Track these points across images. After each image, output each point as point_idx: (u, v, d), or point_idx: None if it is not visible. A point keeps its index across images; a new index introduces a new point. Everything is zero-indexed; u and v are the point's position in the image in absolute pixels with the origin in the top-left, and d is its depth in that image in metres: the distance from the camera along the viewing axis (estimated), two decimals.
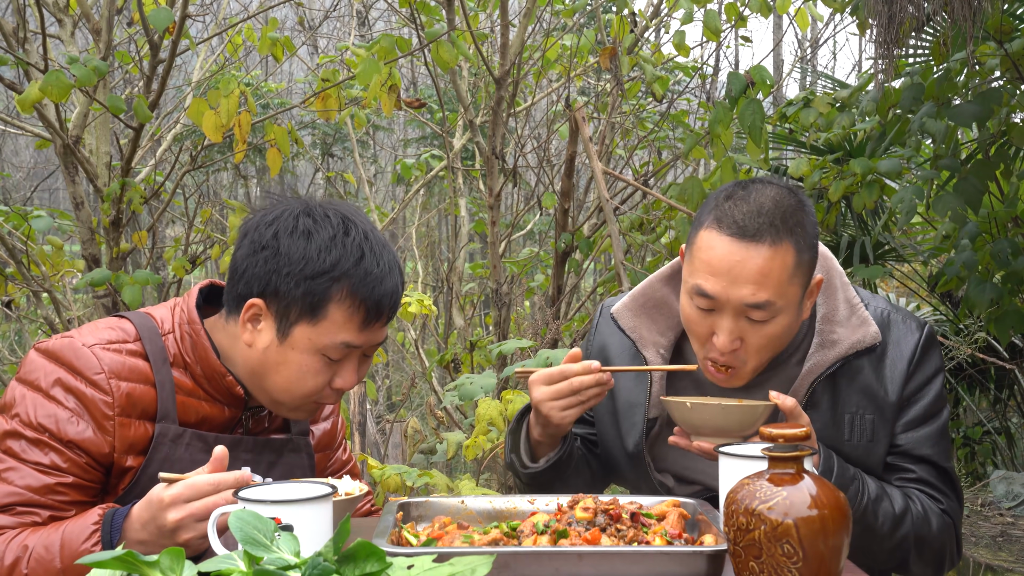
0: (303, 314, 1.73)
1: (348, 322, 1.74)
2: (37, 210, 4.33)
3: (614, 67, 4.27)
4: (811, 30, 9.14)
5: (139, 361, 1.77)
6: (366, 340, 1.77)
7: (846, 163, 4.76)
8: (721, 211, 1.81)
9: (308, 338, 1.74)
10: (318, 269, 1.72)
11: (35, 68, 3.75)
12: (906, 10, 3.74)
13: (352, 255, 1.73)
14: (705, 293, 1.80)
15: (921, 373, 1.93)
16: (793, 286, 1.80)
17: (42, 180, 9.16)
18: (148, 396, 1.76)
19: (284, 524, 1.39)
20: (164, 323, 1.83)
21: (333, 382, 1.79)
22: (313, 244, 1.73)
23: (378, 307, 1.75)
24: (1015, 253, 4.30)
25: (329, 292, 1.72)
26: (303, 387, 1.77)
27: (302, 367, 1.75)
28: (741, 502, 1.31)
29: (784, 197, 1.81)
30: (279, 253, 1.73)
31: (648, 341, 2.03)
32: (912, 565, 1.92)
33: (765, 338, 1.82)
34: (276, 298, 1.74)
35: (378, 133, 9.30)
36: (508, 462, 2.04)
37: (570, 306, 5.40)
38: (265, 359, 1.77)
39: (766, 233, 1.76)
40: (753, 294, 1.77)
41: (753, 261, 1.76)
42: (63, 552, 1.60)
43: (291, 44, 4.07)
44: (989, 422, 5.98)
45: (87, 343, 1.75)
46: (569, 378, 1.85)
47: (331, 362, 1.77)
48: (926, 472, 1.93)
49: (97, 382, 1.72)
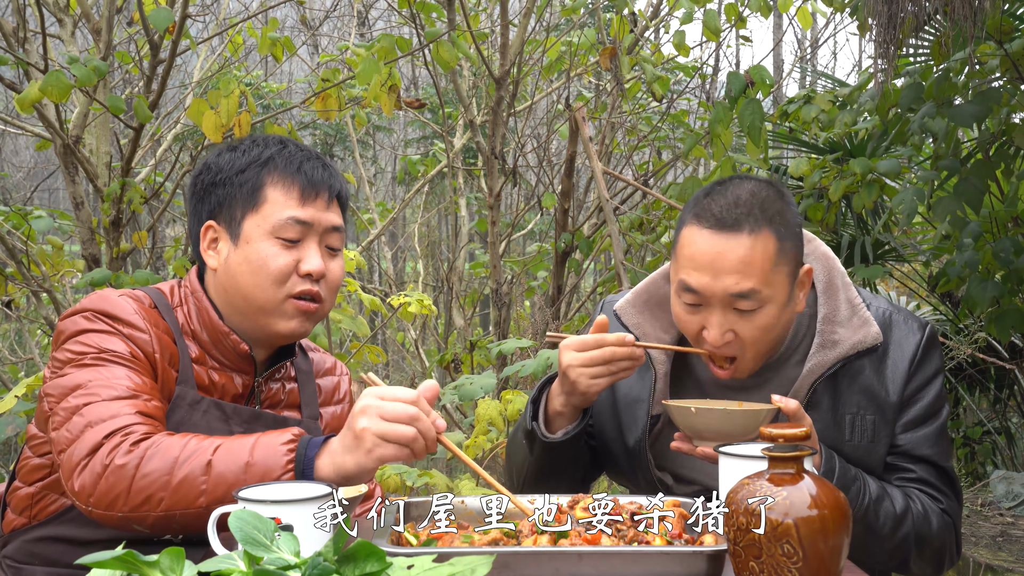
0: (245, 207, 1.81)
1: (287, 197, 1.81)
2: (37, 210, 4.33)
3: (614, 67, 4.27)
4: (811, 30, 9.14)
5: (160, 319, 1.81)
6: (314, 217, 1.82)
7: (846, 163, 4.76)
8: (700, 207, 1.84)
9: (257, 225, 1.81)
10: (246, 162, 1.84)
11: (35, 68, 3.75)
12: (906, 10, 3.74)
13: (274, 143, 1.87)
14: (690, 288, 1.82)
15: (922, 374, 1.94)
16: (778, 274, 1.81)
17: (42, 180, 9.16)
18: (173, 349, 1.80)
19: (284, 524, 1.39)
20: (173, 296, 1.88)
21: (299, 268, 1.81)
22: (237, 151, 1.87)
23: (311, 181, 1.83)
24: (1016, 252, 4.30)
25: (261, 177, 1.82)
26: (268, 275, 1.79)
27: (260, 254, 1.80)
28: (741, 502, 1.31)
29: (761, 188, 1.84)
30: (211, 171, 1.86)
31: (651, 336, 2.03)
32: (913, 565, 1.92)
33: (757, 329, 1.83)
34: (221, 209, 1.84)
35: (378, 133, 9.29)
36: (527, 430, 2.00)
37: (570, 306, 5.40)
38: (228, 270, 1.82)
39: (744, 222, 1.79)
40: (737, 283, 1.78)
41: (734, 251, 1.78)
42: (254, 449, 1.57)
43: (291, 44, 4.07)
44: (989, 422, 5.98)
45: (113, 295, 1.80)
46: (603, 347, 1.85)
47: (288, 244, 1.81)
48: (926, 472, 1.93)
49: (133, 322, 1.76)
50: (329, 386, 2.06)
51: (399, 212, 5.75)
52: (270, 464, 1.56)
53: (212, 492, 1.55)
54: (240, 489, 1.47)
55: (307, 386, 1.99)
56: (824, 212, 4.90)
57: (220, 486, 1.55)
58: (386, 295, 5.42)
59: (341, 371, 2.11)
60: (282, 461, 1.56)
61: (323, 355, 2.10)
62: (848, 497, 1.78)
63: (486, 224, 4.88)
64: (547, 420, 1.99)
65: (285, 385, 1.95)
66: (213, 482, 1.55)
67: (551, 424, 1.98)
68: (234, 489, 1.49)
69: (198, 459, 1.56)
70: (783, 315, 1.85)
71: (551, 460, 1.99)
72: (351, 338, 5.42)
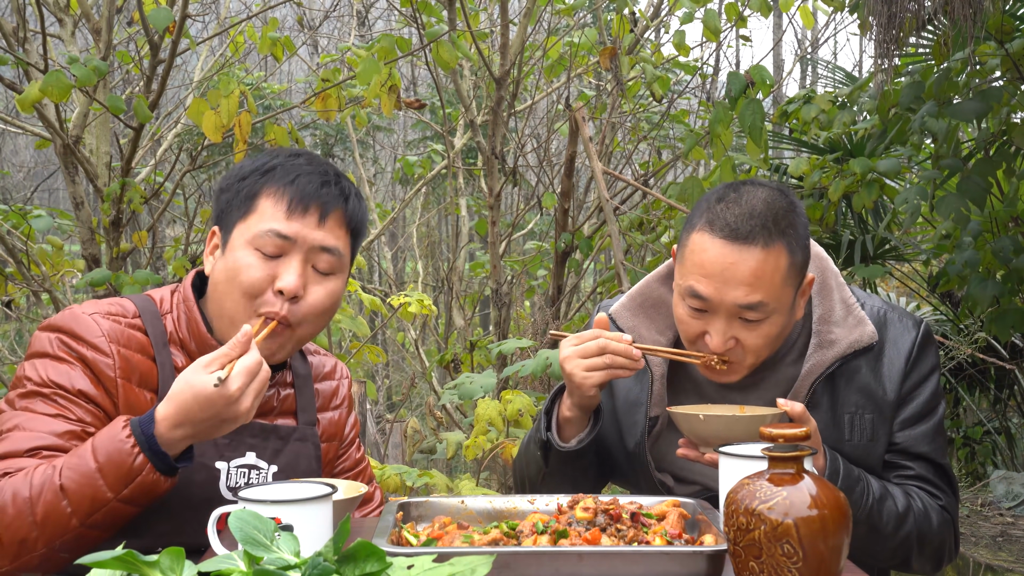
0: (238, 215, 1.80)
1: (274, 209, 1.77)
2: (37, 209, 4.32)
3: (614, 67, 4.27)
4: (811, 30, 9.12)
5: (138, 334, 1.78)
6: (299, 233, 1.75)
7: (846, 162, 4.76)
8: (713, 213, 1.83)
9: (241, 234, 1.78)
10: (250, 169, 1.82)
11: (35, 68, 3.75)
12: (906, 10, 3.74)
13: (285, 154, 1.84)
14: (698, 295, 1.82)
15: (918, 371, 1.95)
16: (787, 287, 1.82)
17: (42, 180, 9.17)
18: (147, 367, 1.77)
19: (284, 524, 1.39)
20: (164, 303, 1.85)
21: (275, 284, 1.75)
22: (255, 159, 1.85)
23: (302, 195, 1.77)
24: (1016, 251, 4.31)
25: (259, 186, 1.79)
26: (239, 286, 1.75)
27: (238, 262, 1.76)
28: (741, 502, 1.31)
29: (776, 199, 1.84)
30: (227, 176, 1.86)
31: (647, 340, 2.03)
32: (914, 562, 1.94)
33: (761, 338, 1.84)
34: (223, 214, 1.82)
35: (378, 133, 9.30)
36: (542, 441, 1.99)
37: (570, 306, 5.40)
38: (213, 276, 1.81)
39: (759, 235, 1.79)
40: (746, 296, 1.79)
41: (746, 263, 1.78)
42: (96, 453, 1.57)
43: (291, 44, 4.07)
44: (989, 422, 5.98)
45: (86, 312, 1.78)
46: (596, 338, 1.86)
47: (267, 258, 1.75)
48: (924, 469, 1.95)
49: (97, 345, 1.74)
50: (328, 391, 2.01)
51: (399, 212, 5.75)
52: (116, 457, 1.56)
53: (79, 510, 1.56)
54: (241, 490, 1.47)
55: (304, 391, 1.95)
56: (824, 212, 4.90)
57: (83, 502, 1.55)
58: (386, 295, 5.42)
59: (341, 375, 2.07)
60: (126, 446, 1.56)
61: (324, 357, 2.05)
62: (852, 498, 1.80)
63: (486, 224, 4.88)
64: (558, 428, 2.00)
65: (280, 392, 1.90)
66: (75, 501, 1.55)
67: (562, 432, 1.99)
68: (98, 496, 1.53)
69: (50, 488, 1.56)
70: (786, 324, 1.88)
71: (566, 469, 2.00)
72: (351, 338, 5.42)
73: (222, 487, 1.79)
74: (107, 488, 1.55)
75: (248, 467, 1.82)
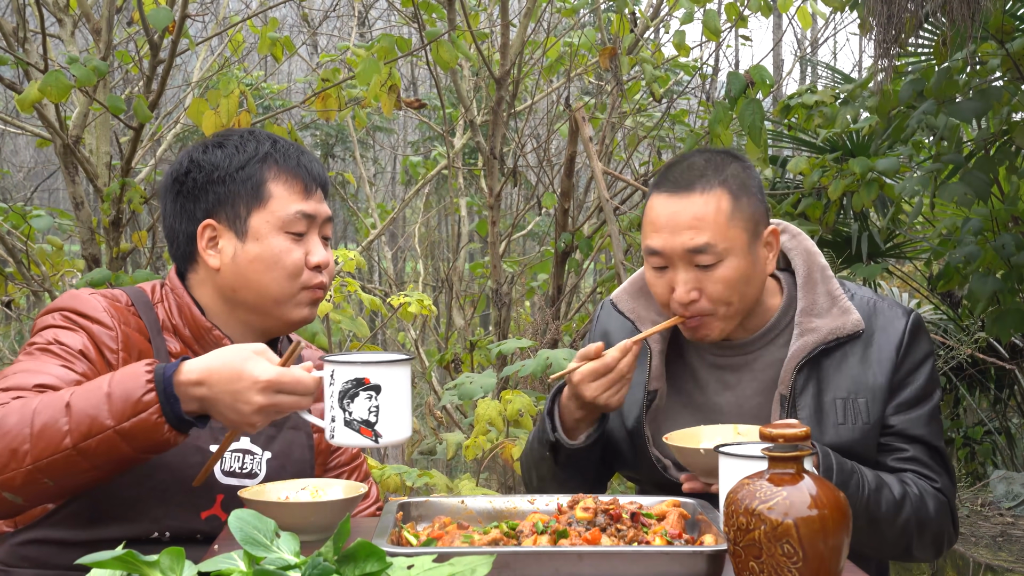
0: (250, 203, 1.83)
1: (292, 192, 1.84)
2: (37, 209, 4.32)
3: (614, 67, 4.27)
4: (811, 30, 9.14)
5: (134, 318, 1.82)
6: (315, 209, 1.86)
7: (846, 162, 4.76)
8: (660, 178, 1.98)
9: (266, 221, 1.82)
10: (242, 159, 1.84)
11: (35, 68, 3.75)
12: (906, 10, 3.74)
13: (265, 140, 1.88)
14: (653, 250, 1.93)
15: (911, 358, 1.98)
16: (734, 229, 1.91)
17: (42, 180, 9.16)
18: (145, 347, 1.80)
19: (372, 384, 1.50)
20: (154, 293, 1.89)
21: (308, 261, 1.85)
22: (227, 148, 1.86)
23: (310, 174, 1.86)
24: (1018, 247, 4.31)
25: (261, 173, 1.84)
26: (284, 270, 1.82)
27: (273, 249, 1.82)
28: (741, 502, 1.31)
29: (715, 155, 1.98)
30: (203, 169, 1.85)
31: (646, 319, 2.09)
32: (915, 549, 1.95)
33: (720, 282, 1.90)
34: (221, 206, 1.84)
35: (378, 133, 9.30)
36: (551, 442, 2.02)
37: (570, 306, 5.39)
38: (237, 268, 1.83)
39: (696, 182, 1.92)
40: (692, 239, 1.89)
41: (687, 209, 1.91)
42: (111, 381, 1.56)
43: (291, 44, 4.07)
44: (989, 422, 5.98)
45: (85, 293, 1.82)
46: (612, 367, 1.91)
47: (297, 238, 1.84)
48: (919, 451, 1.97)
49: (100, 318, 1.77)
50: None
51: (399, 212, 5.75)
52: (128, 385, 1.54)
53: (76, 430, 1.52)
54: (325, 356, 1.54)
55: None
56: (823, 211, 4.91)
57: (83, 422, 1.52)
58: (386, 295, 5.42)
59: None
60: (141, 380, 1.54)
61: (313, 351, 2.10)
62: (848, 491, 1.81)
63: (486, 225, 4.88)
64: (566, 430, 2.02)
65: None
66: (75, 420, 1.52)
67: (570, 434, 2.02)
68: (97, 421, 1.50)
69: (56, 404, 1.54)
70: (747, 271, 1.93)
71: (576, 465, 2.03)
72: (351, 338, 5.42)
73: (216, 470, 1.81)
74: (109, 415, 1.52)
75: (243, 451, 1.85)
